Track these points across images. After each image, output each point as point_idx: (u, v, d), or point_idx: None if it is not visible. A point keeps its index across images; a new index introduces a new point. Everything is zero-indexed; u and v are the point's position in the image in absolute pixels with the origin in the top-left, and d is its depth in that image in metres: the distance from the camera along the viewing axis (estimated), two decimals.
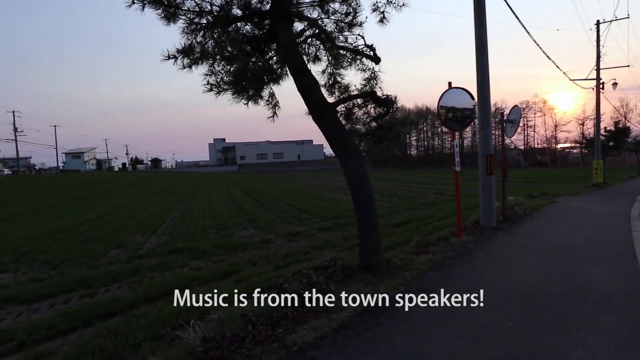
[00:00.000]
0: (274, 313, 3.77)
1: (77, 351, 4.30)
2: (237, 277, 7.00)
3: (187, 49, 4.93)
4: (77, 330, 5.09)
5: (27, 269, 8.06)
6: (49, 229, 12.99)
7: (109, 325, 4.98)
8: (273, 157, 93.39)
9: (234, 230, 11.79)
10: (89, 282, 6.94)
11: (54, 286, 6.70)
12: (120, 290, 6.65)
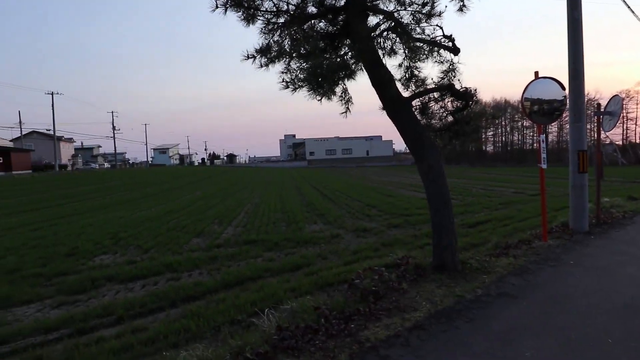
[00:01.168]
0: (346, 308, 3.79)
1: (165, 329, 4.71)
2: (307, 270, 7.15)
3: (264, 48, 5.12)
4: (165, 310, 5.58)
5: (123, 252, 9.02)
6: (140, 217, 14.40)
7: (192, 308, 5.38)
8: (342, 152, 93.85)
9: (304, 224, 12.05)
10: (174, 267, 7.55)
11: (145, 269, 7.40)
12: (200, 276, 7.14)
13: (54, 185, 31.74)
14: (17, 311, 5.70)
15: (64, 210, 17.15)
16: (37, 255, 8.53)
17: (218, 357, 2.91)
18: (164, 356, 3.63)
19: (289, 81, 5.30)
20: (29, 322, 5.17)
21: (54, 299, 6.10)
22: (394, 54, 5.00)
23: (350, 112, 5.66)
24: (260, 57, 5.18)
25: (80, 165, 73.95)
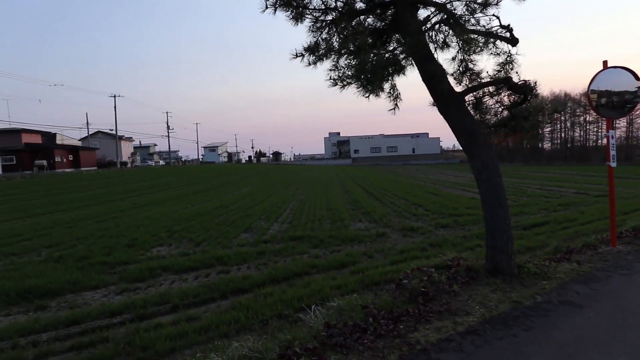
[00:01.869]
0: (394, 308, 3.73)
1: (216, 319, 4.90)
2: (353, 268, 7.12)
3: (312, 46, 5.15)
4: (216, 301, 5.80)
5: (177, 245, 9.50)
6: (193, 212, 15.09)
7: (241, 300, 5.55)
8: (387, 150, 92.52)
9: (349, 222, 12.02)
10: (224, 260, 7.83)
11: (197, 261, 7.74)
12: (249, 270, 7.35)
13: (116, 180, 34.10)
14: (85, 295, 6.19)
15: (125, 204, 18.35)
16: (103, 245, 9.20)
17: (267, 350, 2.97)
18: (216, 345, 3.78)
19: (336, 78, 5.30)
20: (96, 306, 5.59)
21: (117, 285, 6.55)
22: (446, 47, 4.82)
23: (398, 108, 5.55)
24: (308, 55, 5.21)
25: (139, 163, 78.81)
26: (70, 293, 6.26)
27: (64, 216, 14.67)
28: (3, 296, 5.97)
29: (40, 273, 7.01)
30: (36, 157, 47.43)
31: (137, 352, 4.18)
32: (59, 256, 8.28)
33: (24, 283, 6.39)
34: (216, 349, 3.43)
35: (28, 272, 7.12)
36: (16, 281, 6.53)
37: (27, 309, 5.68)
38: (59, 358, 4.18)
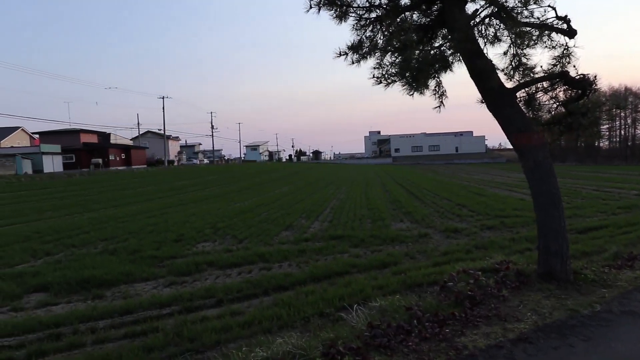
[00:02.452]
0: (439, 311, 3.62)
1: (259, 315, 4.99)
2: (394, 268, 7.02)
3: (356, 44, 5.11)
4: (258, 297, 5.93)
5: (221, 241, 9.80)
6: (235, 209, 15.52)
7: (283, 297, 5.63)
8: (428, 149, 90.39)
9: (390, 222, 11.86)
10: (265, 257, 7.98)
11: (240, 257, 7.95)
12: (290, 267, 7.44)
13: (163, 178, 35.77)
14: (137, 286, 6.53)
15: (172, 201, 19.21)
16: (152, 240, 9.68)
17: (311, 348, 2.99)
18: (260, 340, 3.85)
19: (380, 77, 5.23)
20: (147, 297, 5.88)
21: (166, 278, 6.87)
22: (497, 42, 4.61)
23: (444, 106, 5.41)
24: (352, 54, 5.18)
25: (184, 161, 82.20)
26: (124, 284, 6.64)
27: (118, 211, 15.59)
28: (65, 284, 6.43)
29: (97, 264, 7.49)
30: (93, 155, 50.81)
31: (185, 343, 4.36)
32: (114, 249, 8.81)
33: (83, 273, 6.85)
34: (260, 344, 3.49)
35: (86, 263, 7.63)
36: (76, 271, 7.02)
37: (85, 297, 6.08)
38: (115, 345, 4.44)
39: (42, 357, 4.22)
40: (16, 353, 4.32)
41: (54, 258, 8.34)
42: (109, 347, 4.38)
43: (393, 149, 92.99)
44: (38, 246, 9.29)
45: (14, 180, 29.17)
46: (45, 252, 8.80)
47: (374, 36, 5.11)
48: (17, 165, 37.27)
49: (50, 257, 8.43)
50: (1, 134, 49.05)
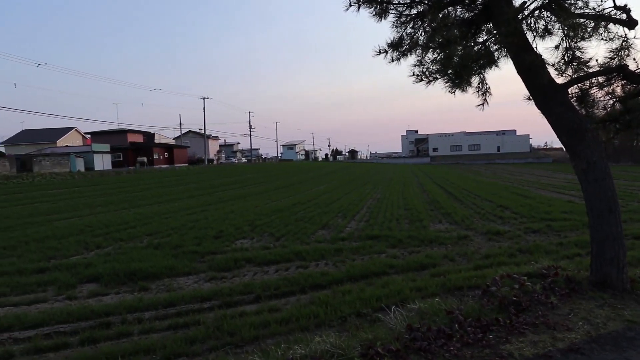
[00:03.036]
0: (482, 316, 3.50)
1: (297, 312, 5.04)
2: (433, 270, 6.85)
3: (396, 42, 5.03)
4: (295, 295, 5.98)
5: (259, 238, 9.98)
6: (273, 207, 15.76)
7: (320, 296, 5.64)
8: (468, 149, 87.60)
9: (428, 223, 11.60)
10: (302, 255, 8.04)
11: (277, 255, 8.05)
12: (327, 266, 7.45)
13: (203, 176, 36.96)
14: (179, 280, 6.79)
15: (212, 198, 19.81)
16: (193, 235, 10.02)
17: (349, 347, 2.97)
18: (298, 338, 3.88)
19: (420, 74, 5.12)
20: (189, 291, 6.10)
21: (206, 273, 7.08)
22: (547, 35, 4.37)
23: (487, 103, 5.23)
24: (392, 51, 5.11)
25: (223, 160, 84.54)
26: (167, 277, 6.91)
27: (161, 208, 16.28)
28: (114, 276, 6.79)
29: (143, 258, 7.85)
30: (138, 154, 53.40)
31: (225, 337, 4.47)
32: (158, 243, 9.20)
33: (130, 266, 7.20)
34: (298, 342, 3.52)
35: (133, 256, 8.02)
36: (124, 264, 7.39)
37: (132, 289, 6.39)
38: (159, 335, 4.63)
39: (93, 344, 4.48)
40: (71, 339, 4.62)
41: (104, 251, 8.83)
42: (154, 337, 4.57)
43: (431, 148, 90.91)
44: (90, 239, 9.88)
45: (68, 177, 31.25)
46: (96, 245, 9.34)
47: (414, 33, 5.00)
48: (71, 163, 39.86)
49: (100, 250, 8.94)
50: (57, 134, 52.66)
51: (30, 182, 27.17)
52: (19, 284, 6.51)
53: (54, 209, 15.84)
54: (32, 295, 6.13)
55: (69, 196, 20.80)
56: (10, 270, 7.22)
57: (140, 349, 4.21)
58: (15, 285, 6.46)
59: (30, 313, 5.30)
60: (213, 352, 4.14)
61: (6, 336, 4.73)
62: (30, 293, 6.22)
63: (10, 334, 4.79)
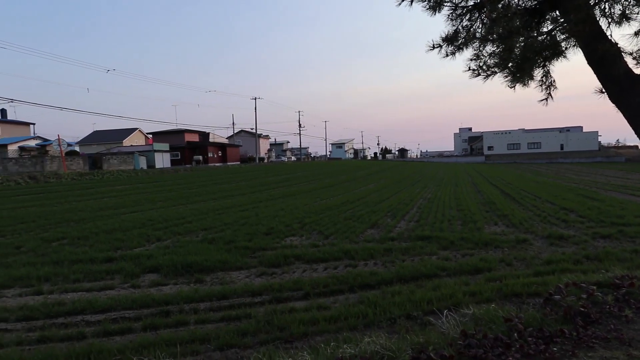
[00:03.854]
0: (544, 326, 3.26)
1: (345, 311, 5.03)
2: (488, 275, 6.53)
3: (451, 36, 4.84)
4: (344, 293, 5.96)
5: (308, 236, 10.09)
6: (322, 206, 15.86)
7: (369, 296, 5.58)
8: (527, 147, 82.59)
9: (483, 225, 11.07)
10: (351, 254, 8.00)
11: (326, 253, 8.09)
12: (376, 266, 7.36)
13: (255, 174, 38.06)
14: (232, 274, 7.04)
15: (263, 196, 20.33)
16: (245, 232, 10.34)
17: (400, 350, 2.91)
18: (347, 337, 3.87)
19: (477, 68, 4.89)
20: (240, 285, 6.30)
21: (257, 269, 7.28)
22: (625, 21, 3.97)
23: (552, 98, 4.88)
24: (446, 46, 4.92)
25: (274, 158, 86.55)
26: (221, 271, 7.19)
27: (215, 204, 16.98)
28: (172, 267, 7.19)
29: (199, 251, 8.23)
30: (194, 153, 56.18)
31: (275, 332, 4.56)
32: (212, 238, 9.61)
33: (187, 259, 7.58)
34: (347, 341, 3.51)
35: (190, 249, 8.44)
36: (181, 256, 7.80)
37: (189, 280, 6.72)
38: (213, 326, 4.83)
39: (154, 331, 4.77)
40: (134, 324, 4.95)
41: (164, 243, 9.37)
42: (208, 327, 4.78)
43: (486, 146, 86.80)
44: (151, 232, 10.54)
45: (132, 174, 33.61)
46: (157, 238, 9.93)
47: (471, 25, 4.78)
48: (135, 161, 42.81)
49: (160, 243, 9.50)
50: (123, 135, 56.80)
51: (99, 179, 29.57)
52: (90, 271, 7.10)
53: (120, 204, 17.09)
54: (101, 282, 6.66)
55: (133, 192, 22.34)
56: (84, 259, 7.89)
57: (196, 338, 4.42)
58: (88, 272, 7.05)
59: (100, 299, 5.75)
60: (263, 346, 4.24)
61: (80, 319, 5.17)
62: (100, 280, 6.75)
63: (83, 316, 5.24)
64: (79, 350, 4.13)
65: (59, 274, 6.92)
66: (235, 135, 77.44)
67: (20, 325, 5.02)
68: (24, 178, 26.83)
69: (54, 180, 27.41)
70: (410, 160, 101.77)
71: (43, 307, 5.42)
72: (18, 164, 33.47)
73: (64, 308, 5.42)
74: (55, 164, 34.40)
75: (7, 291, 6.28)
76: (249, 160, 67.33)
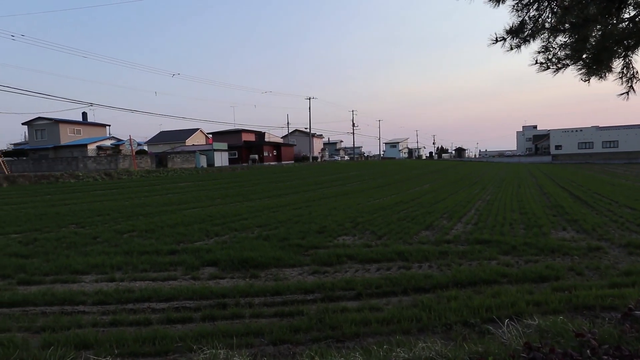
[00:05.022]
0: (622, 344, 2.95)
1: (398, 314, 4.92)
2: (555, 284, 6.06)
3: (517, 27, 4.55)
4: (397, 295, 5.85)
5: (360, 235, 10.02)
6: (375, 205, 15.69)
7: (423, 299, 5.42)
8: (602, 146, 75.56)
9: (549, 230, 10.31)
10: (405, 255, 7.82)
11: (379, 253, 7.97)
12: (430, 269, 7.13)
13: (308, 173, 38.57)
14: (285, 271, 7.18)
15: (316, 195, 20.55)
16: (298, 230, 10.51)
17: (456, 359, 2.78)
18: (399, 340, 3.79)
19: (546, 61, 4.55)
20: (293, 282, 6.41)
21: (310, 266, 7.36)
22: None
23: (634, 91, 4.43)
24: (510, 39, 4.64)
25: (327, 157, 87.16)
26: (274, 267, 7.37)
27: (270, 202, 17.45)
28: (229, 262, 7.49)
29: (254, 247, 8.50)
30: (251, 152, 58.17)
31: (327, 330, 4.58)
32: (267, 235, 9.87)
33: (243, 254, 7.85)
34: (400, 344, 3.43)
35: (245, 245, 8.74)
36: (238, 252, 8.10)
37: (244, 275, 6.96)
38: (267, 321, 4.96)
39: (212, 321, 5.00)
40: (194, 314, 5.22)
41: (221, 239, 9.80)
42: (262, 321, 4.91)
43: (553, 145, 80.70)
44: (210, 228, 11.07)
45: (193, 172, 35.56)
46: (215, 233, 10.41)
47: (539, 15, 4.46)
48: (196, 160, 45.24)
49: (218, 238, 9.94)
50: (186, 135, 60.27)
51: (165, 176, 31.63)
52: (156, 262, 7.60)
53: (182, 200, 18.15)
54: (165, 272, 7.11)
55: (194, 189, 23.63)
56: (150, 250, 8.48)
57: (251, 331, 4.56)
58: (154, 263, 7.56)
59: (164, 288, 6.14)
60: (315, 344, 4.27)
61: (146, 305, 5.56)
62: (164, 271, 7.21)
63: (149, 304, 5.63)
64: (146, 335, 4.44)
65: (129, 264, 7.50)
66: (290, 134, 79.00)
67: (95, 308, 5.51)
68: (100, 175, 29.45)
69: (126, 177, 29.78)
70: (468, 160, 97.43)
71: (115, 293, 5.90)
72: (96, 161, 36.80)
73: (133, 295, 5.86)
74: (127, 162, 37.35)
75: (85, 277, 6.92)
76: (302, 160, 68.38)
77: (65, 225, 11.76)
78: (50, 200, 17.96)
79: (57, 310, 5.43)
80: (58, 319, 5.04)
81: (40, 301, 5.67)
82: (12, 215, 13.45)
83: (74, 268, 7.23)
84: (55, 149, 46.52)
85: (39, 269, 7.21)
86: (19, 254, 8.27)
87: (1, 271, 7.10)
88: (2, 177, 25.15)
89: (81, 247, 8.89)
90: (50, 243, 9.19)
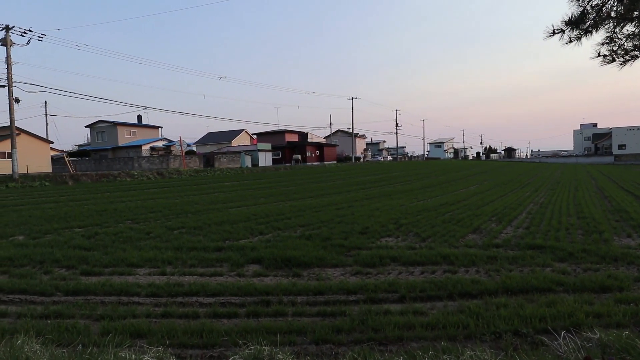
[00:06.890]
0: None
1: (443, 319, 4.77)
2: (619, 295, 5.60)
3: (577, 18, 4.26)
4: (442, 300, 5.66)
5: (404, 237, 9.82)
6: (418, 207, 15.32)
7: (470, 305, 5.21)
8: None
9: (611, 236, 9.54)
10: (450, 259, 7.56)
11: (423, 256, 7.77)
12: (478, 274, 6.84)
13: (351, 173, 38.45)
14: (327, 271, 7.19)
15: (358, 195, 20.42)
16: (340, 230, 10.49)
17: None
18: (445, 347, 3.66)
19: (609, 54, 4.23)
20: (336, 282, 6.40)
21: (352, 267, 7.32)
22: None
23: None
24: (569, 30, 4.36)
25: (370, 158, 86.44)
26: (317, 267, 7.40)
27: (312, 202, 17.57)
28: (273, 260, 7.62)
29: (296, 247, 8.59)
30: (294, 152, 58.95)
31: (369, 332, 4.53)
32: (309, 235, 9.94)
33: (286, 253, 7.96)
34: (446, 351, 3.32)
35: (288, 244, 8.85)
36: (281, 250, 8.22)
37: (287, 273, 7.05)
38: (309, 320, 4.98)
39: (256, 318, 5.11)
40: (239, 310, 5.37)
41: (265, 237, 10.00)
42: (305, 320, 4.95)
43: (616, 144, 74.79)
44: (254, 226, 11.33)
45: (239, 172, 36.65)
46: (259, 232, 10.64)
47: (602, 4, 4.15)
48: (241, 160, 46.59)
49: (262, 236, 10.15)
50: (232, 136, 62.24)
51: (212, 175, 32.86)
52: (203, 258, 7.91)
53: (228, 199, 18.75)
54: (212, 268, 7.37)
55: (239, 188, 24.33)
56: (198, 247, 8.83)
57: (294, 330, 4.61)
58: (201, 259, 7.86)
59: (211, 283, 6.36)
60: (357, 345, 4.24)
61: (194, 299, 5.80)
62: (211, 267, 7.48)
63: (197, 298, 5.86)
64: (194, 327, 4.63)
65: (178, 259, 7.85)
66: (332, 135, 79.20)
67: (148, 300, 5.82)
68: (153, 174, 31.16)
69: (176, 176, 31.28)
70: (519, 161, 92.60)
71: (166, 286, 6.20)
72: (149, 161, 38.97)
73: (182, 289, 6.13)
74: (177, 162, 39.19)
75: (139, 270, 7.33)
76: (345, 160, 68.27)
77: (122, 221, 12.54)
78: (109, 197, 19.26)
79: (115, 300, 5.80)
80: (115, 308, 5.39)
81: (100, 291, 6.09)
82: (76, 211, 14.56)
83: (129, 261, 7.69)
84: (114, 149, 49.81)
85: (99, 261, 7.74)
86: (82, 246, 8.93)
87: (67, 262, 7.70)
88: (68, 176, 27.35)
89: (136, 242, 9.43)
90: (109, 237, 9.84)
